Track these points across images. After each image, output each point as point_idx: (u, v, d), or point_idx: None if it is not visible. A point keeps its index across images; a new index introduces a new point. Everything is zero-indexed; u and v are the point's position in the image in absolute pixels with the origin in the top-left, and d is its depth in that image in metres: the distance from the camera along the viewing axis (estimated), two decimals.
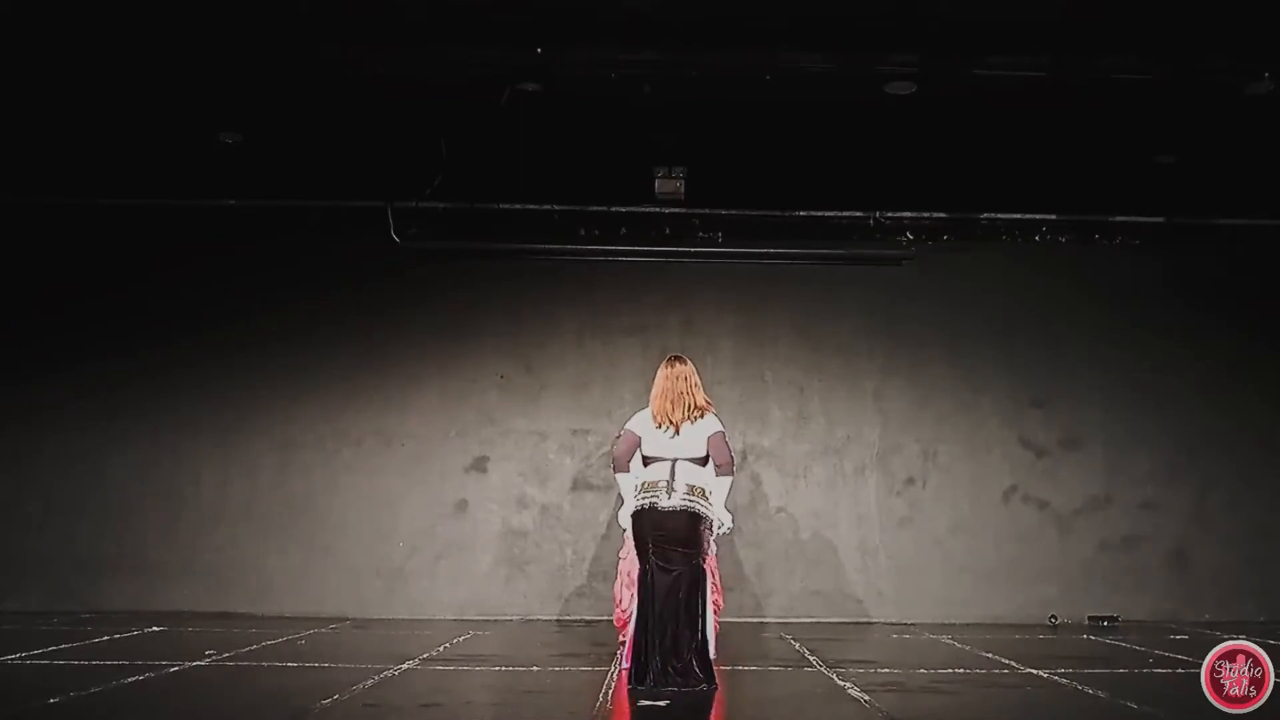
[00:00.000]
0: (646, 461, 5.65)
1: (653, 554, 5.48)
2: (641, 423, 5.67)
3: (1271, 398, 9.27)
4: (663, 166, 8.89)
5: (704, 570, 5.59)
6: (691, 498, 5.47)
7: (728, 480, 5.67)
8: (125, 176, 8.96)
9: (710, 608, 5.73)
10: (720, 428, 5.64)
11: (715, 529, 5.78)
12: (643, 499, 5.51)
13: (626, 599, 6.45)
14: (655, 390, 5.68)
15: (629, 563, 6.55)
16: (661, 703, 5.11)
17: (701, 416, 5.59)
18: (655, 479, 5.52)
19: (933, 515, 9.19)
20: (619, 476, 5.77)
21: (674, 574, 5.44)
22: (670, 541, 5.46)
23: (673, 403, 5.58)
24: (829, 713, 5.19)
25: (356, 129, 8.44)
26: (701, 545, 5.54)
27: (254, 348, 9.23)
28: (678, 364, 5.72)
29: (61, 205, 9.19)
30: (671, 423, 5.55)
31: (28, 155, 8.67)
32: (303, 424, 9.23)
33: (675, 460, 5.53)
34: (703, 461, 5.60)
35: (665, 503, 5.45)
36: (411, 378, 9.29)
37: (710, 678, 5.42)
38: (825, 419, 9.30)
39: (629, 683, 5.48)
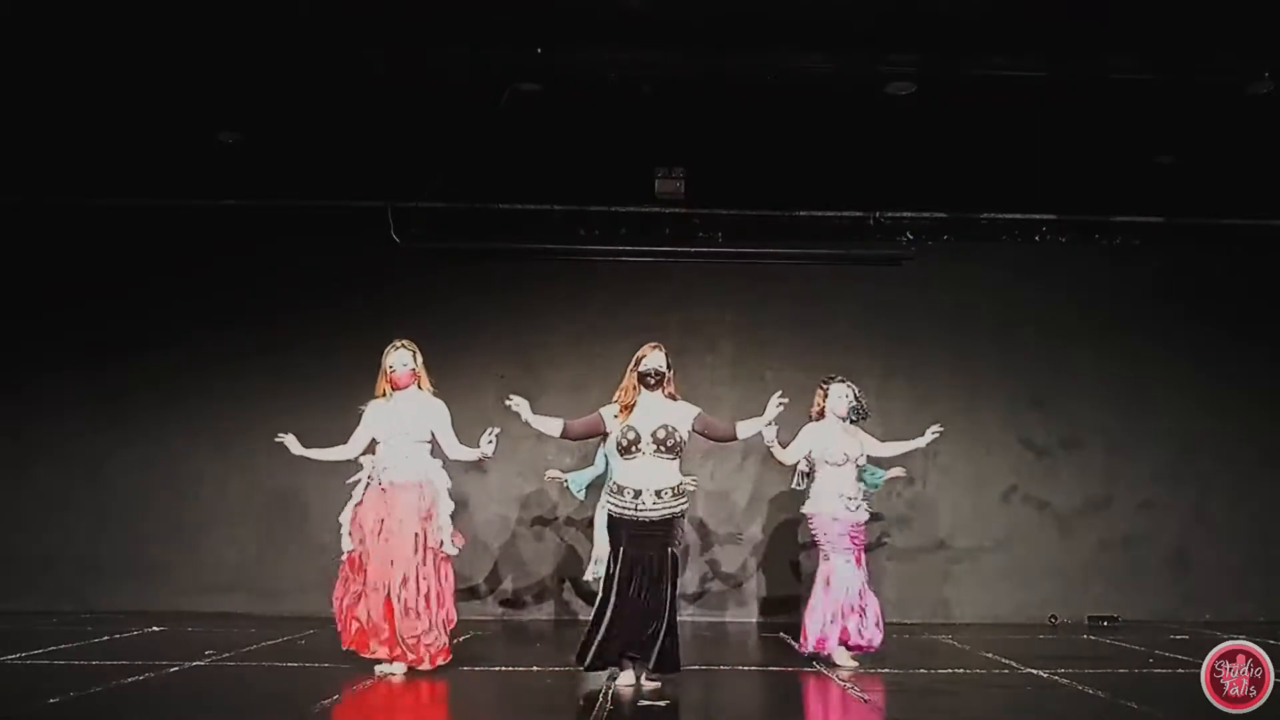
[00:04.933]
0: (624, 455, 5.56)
1: (626, 545, 5.46)
2: (610, 415, 5.60)
3: (1272, 398, 9.26)
4: (663, 166, 8.88)
5: (675, 555, 5.51)
6: (660, 501, 5.43)
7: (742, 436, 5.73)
8: (125, 176, 8.94)
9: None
10: (699, 410, 5.58)
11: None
12: (619, 505, 5.47)
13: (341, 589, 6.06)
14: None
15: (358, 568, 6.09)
16: (661, 703, 5.11)
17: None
18: (628, 484, 5.46)
19: (933, 515, 9.18)
20: (554, 422, 5.67)
21: (647, 557, 5.40)
22: (648, 539, 5.43)
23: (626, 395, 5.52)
24: (830, 713, 5.19)
25: (356, 129, 8.44)
26: (674, 534, 5.51)
27: (254, 348, 9.20)
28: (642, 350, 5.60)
29: (61, 205, 9.18)
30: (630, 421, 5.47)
31: (28, 155, 8.67)
32: (303, 424, 9.20)
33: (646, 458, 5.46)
34: (672, 455, 5.49)
35: (646, 514, 5.41)
36: None
37: (677, 664, 5.43)
38: None
39: (578, 664, 5.50)
